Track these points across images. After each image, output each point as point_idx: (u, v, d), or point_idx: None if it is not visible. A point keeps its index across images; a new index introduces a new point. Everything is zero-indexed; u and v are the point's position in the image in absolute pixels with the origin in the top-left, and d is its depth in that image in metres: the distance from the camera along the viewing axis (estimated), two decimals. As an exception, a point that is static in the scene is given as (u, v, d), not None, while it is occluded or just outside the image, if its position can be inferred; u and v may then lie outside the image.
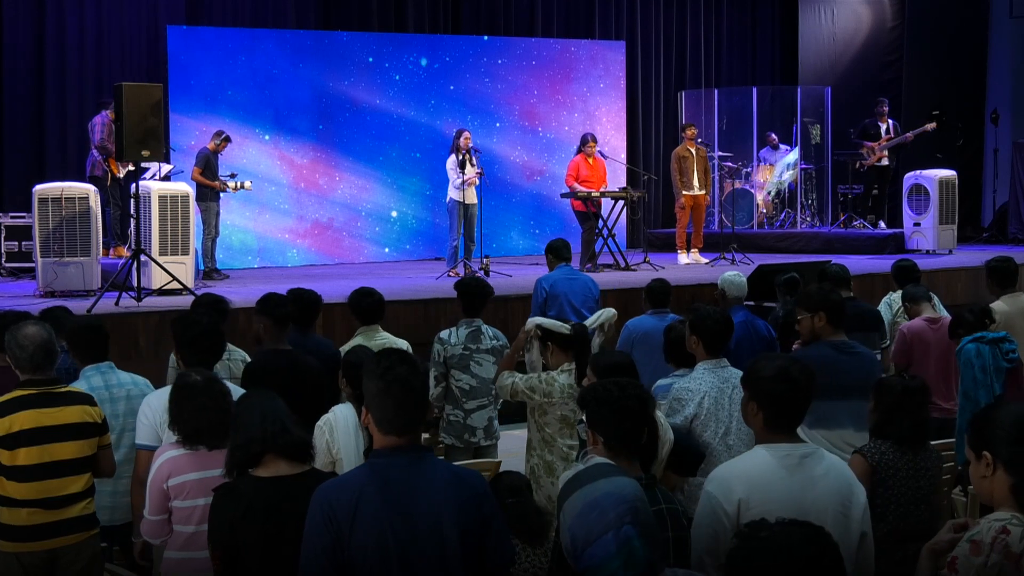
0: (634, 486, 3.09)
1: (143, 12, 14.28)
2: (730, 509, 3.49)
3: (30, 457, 4.69)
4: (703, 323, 5.28)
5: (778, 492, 3.50)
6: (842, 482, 3.62)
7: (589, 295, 8.42)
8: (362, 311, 6.79)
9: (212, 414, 4.38)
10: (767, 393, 3.61)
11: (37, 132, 13.79)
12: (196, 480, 4.35)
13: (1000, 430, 3.09)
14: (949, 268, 13.20)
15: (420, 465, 3.30)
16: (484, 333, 6.86)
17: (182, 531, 4.40)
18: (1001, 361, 6.49)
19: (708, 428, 5.14)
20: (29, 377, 4.78)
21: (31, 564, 4.71)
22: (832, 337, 5.57)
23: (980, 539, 3.05)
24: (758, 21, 19.29)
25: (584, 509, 2.94)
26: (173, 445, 4.44)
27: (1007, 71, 18.20)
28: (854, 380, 5.33)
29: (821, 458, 3.64)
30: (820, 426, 5.24)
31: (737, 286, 7.91)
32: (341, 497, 3.21)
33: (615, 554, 2.86)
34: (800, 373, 3.63)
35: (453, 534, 3.26)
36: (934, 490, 4.84)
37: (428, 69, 15.62)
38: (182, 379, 4.55)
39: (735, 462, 3.73)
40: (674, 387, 5.18)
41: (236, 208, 14.00)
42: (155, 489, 4.41)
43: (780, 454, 3.58)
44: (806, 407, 3.68)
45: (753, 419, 3.67)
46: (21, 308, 9.15)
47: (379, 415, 3.30)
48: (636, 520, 2.90)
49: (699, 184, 14.11)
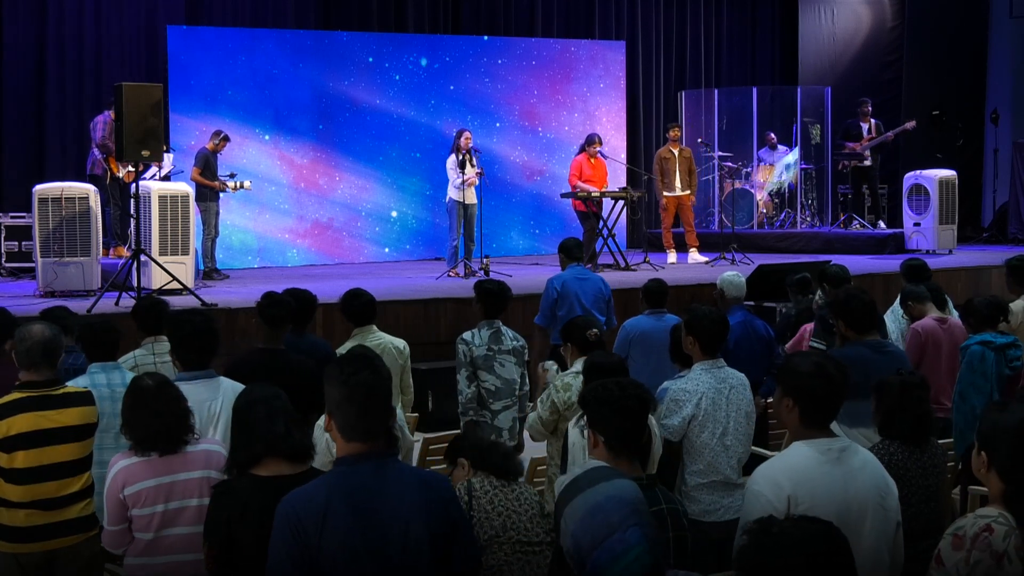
0: (634, 488, 3.08)
1: (143, 12, 14.27)
2: (780, 506, 3.51)
3: (28, 460, 4.68)
4: (699, 323, 5.29)
5: (823, 486, 3.55)
6: (878, 475, 3.69)
7: (600, 296, 8.40)
8: (353, 313, 6.79)
9: (165, 419, 4.32)
10: (804, 388, 3.63)
11: (37, 132, 13.79)
12: (152, 487, 4.30)
13: (1002, 436, 3.16)
14: (949, 268, 13.20)
15: (386, 471, 3.27)
16: (504, 334, 6.84)
17: (142, 537, 4.35)
18: (1004, 369, 6.47)
19: (706, 429, 5.13)
20: (28, 378, 4.77)
21: (29, 565, 4.70)
22: (867, 337, 5.62)
23: (963, 534, 3.11)
24: (758, 21, 19.28)
25: (587, 513, 2.94)
26: (126, 454, 4.38)
27: (1007, 71, 18.20)
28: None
29: (856, 451, 3.70)
30: (857, 424, 5.25)
31: (736, 286, 7.91)
32: (308, 507, 3.18)
33: (621, 557, 2.86)
34: (835, 369, 3.66)
35: (422, 538, 3.24)
36: (941, 486, 4.85)
37: (428, 69, 15.62)
38: (135, 384, 4.49)
39: (778, 459, 3.75)
40: (671, 388, 5.18)
41: (236, 208, 14.00)
42: (112, 499, 4.34)
43: (821, 448, 3.62)
44: (840, 403, 3.71)
45: (788, 415, 3.69)
46: (21, 308, 9.18)
47: (342, 421, 3.26)
48: (640, 522, 2.91)
49: (682, 185, 14.14)
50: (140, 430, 4.33)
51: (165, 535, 4.33)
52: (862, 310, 5.61)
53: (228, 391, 4.92)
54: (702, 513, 5.07)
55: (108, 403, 5.26)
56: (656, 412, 4.87)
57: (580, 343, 5.86)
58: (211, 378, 5.07)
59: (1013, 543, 3.08)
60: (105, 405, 5.17)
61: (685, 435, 5.14)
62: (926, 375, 5.70)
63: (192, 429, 4.41)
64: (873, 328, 5.69)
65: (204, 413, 4.94)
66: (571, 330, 5.97)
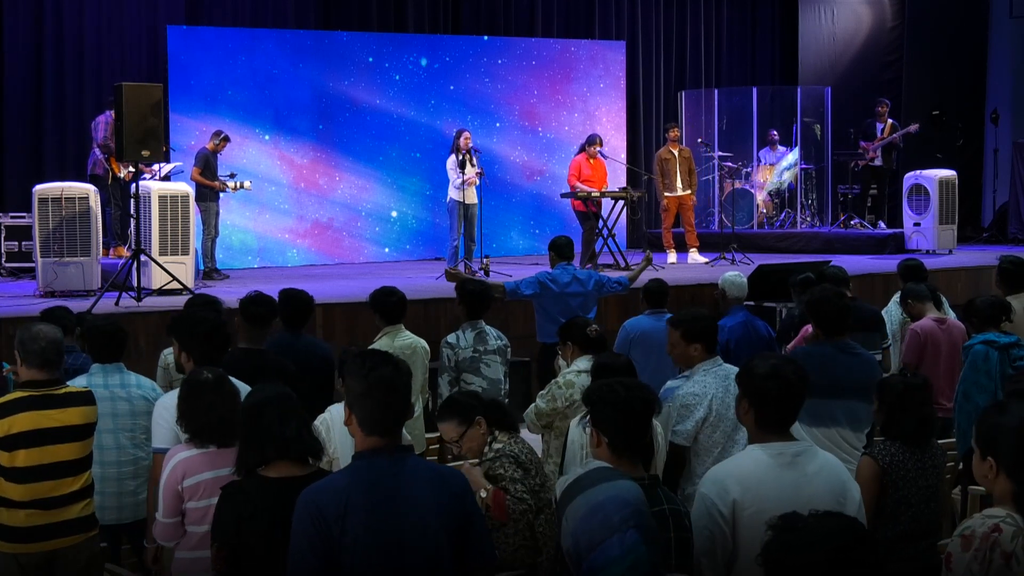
0: (636, 489, 3.08)
1: (143, 12, 14.27)
2: (725, 510, 3.49)
3: (29, 458, 4.68)
4: (698, 326, 5.27)
5: (772, 491, 3.50)
6: (835, 480, 3.62)
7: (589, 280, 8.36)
8: (385, 311, 6.75)
9: (221, 412, 4.36)
10: (758, 391, 3.61)
11: (37, 132, 13.78)
12: (210, 479, 4.32)
13: (1005, 438, 3.15)
14: (949, 268, 13.20)
15: (403, 465, 3.32)
16: (488, 334, 6.85)
17: (195, 531, 4.37)
18: (1008, 368, 6.45)
19: (719, 428, 5.14)
20: (32, 377, 4.77)
21: (29, 565, 4.70)
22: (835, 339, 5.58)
23: (971, 533, 3.11)
24: (758, 21, 19.28)
25: (587, 513, 2.94)
26: (184, 446, 4.42)
27: (1007, 71, 18.20)
28: (852, 380, 5.36)
29: (814, 456, 3.64)
30: (818, 424, 5.26)
31: (737, 286, 7.92)
32: (329, 499, 3.22)
33: (619, 558, 2.86)
34: (792, 372, 3.64)
35: (440, 532, 3.28)
36: (940, 486, 4.85)
37: (428, 69, 15.62)
38: (193, 376, 4.54)
39: (728, 462, 3.74)
40: (678, 393, 5.17)
41: (236, 208, 14.00)
42: (169, 491, 4.37)
43: (773, 452, 3.58)
44: (798, 406, 3.68)
45: (745, 417, 3.68)
46: (21, 308, 9.18)
47: (362, 415, 3.31)
48: (640, 523, 2.90)
49: (682, 185, 14.14)
50: (195, 421, 4.38)
51: None
52: (834, 313, 5.53)
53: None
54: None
55: (105, 404, 5.26)
56: (660, 414, 4.87)
57: (581, 341, 5.87)
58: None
59: (1021, 543, 3.08)
60: (103, 406, 5.16)
61: (695, 438, 5.15)
62: (925, 375, 5.69)
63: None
64: (844, 332, 5.62)
65: None
66: (571, 329, 5.99)
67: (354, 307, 9.52)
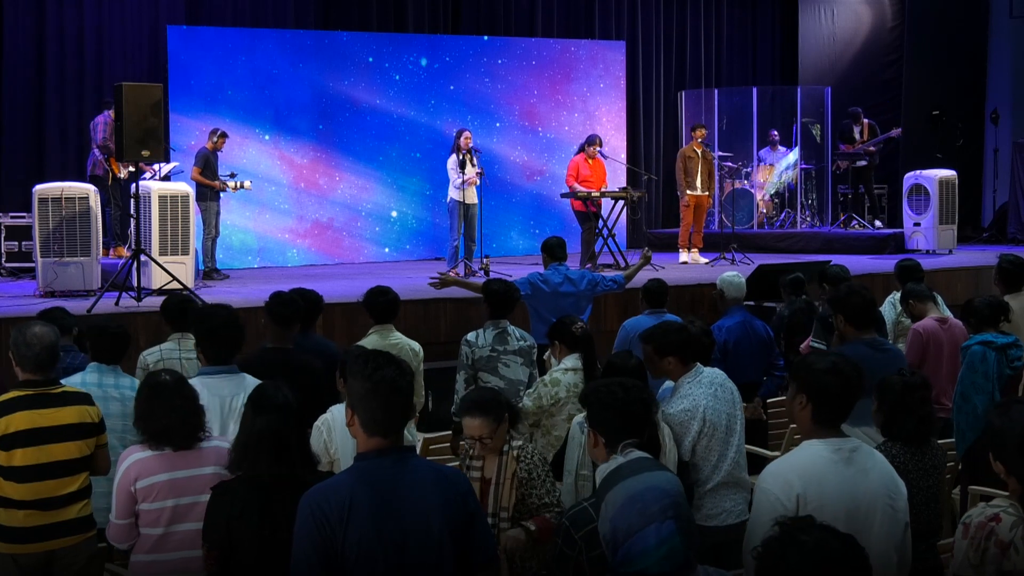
0: (675, 480, 3.08)
1: (143, 12, 14.28)
2: (790, 504, 3.49)
3: (27, 458, 4.68)
4: (681, 340, 5.25)
5: (832, 486, 3.52)
6: (888, 475, 3.66)
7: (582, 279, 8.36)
8: (377, 309, 6.76)
9: (179, 415, 4.34)
10: (818, 386, 3.61)
11: (37, 132, 13.80)
12: (165, 481, 4.31)
13: (1010, 442, 3.22)
14: (949, 268, 13.20)
15: (405, 466, 3.32)
16: (511, 334, 6.80)
17: (150, 534, 4.35)
18: (1005, 369, 6.46)
19: (714, 436, 5.15)
20: (28, 377, 4.77)
21: (28, 565, 4.70)
22: (864, 335, 5.62)
23: (969, 522, 3.14)
24: (758, 21, 19.29)
25: (627, 502, 2.93)
26: (139, 447, 4.39)
27: (1007, 71, 18.19)
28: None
29: (869, 453, 3.68)
30: (861, 423, 5.24)
31: (736, 286, 7.91)
32: (332, 500, 3.22)
33: (655, 547, 2.86)
34: (851, 369, 3.65)
35: (443, 532, 3.29)
36: (940, 486, 4.85)
37: (428, 69, 15.62)
38: (152, 378, 4.51)
39: (789, 457, 3.73)
40: (670, 414, 5.14)
41: (236, 208, 14.00)
42: (122, 492, 4.34)
43: (832, 448, 3.59)
44: (854, 403, 3.69)
45: (800, 412, 3.66)
46: (21, 308, 9.19)
47: (365, 416, 3.31)
48: (678, 515, 2.91)
49: (702, 185, 14.15)
50: (154, 423, 4.35)
51: (174, 531, 4.33)
52: (862, 306, 5.62)
53: (251, 387, 4.92)
54: (704, 518, 5.09)
55: (98, 403, 5.24)
56: (656, 412, 4.88)
57: (569, 340, 5.89)
58: (234, 373, 5.13)
59: (1020, 534, 3.10)
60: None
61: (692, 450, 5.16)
62: (927, 375, 5.69)
63: (204, 427, 4.43)
64: (872, 325, 5.68)
65: (226, 407, 5.00)
66: (558, 328, 6.02)
67: (354, 307, 9.50)
